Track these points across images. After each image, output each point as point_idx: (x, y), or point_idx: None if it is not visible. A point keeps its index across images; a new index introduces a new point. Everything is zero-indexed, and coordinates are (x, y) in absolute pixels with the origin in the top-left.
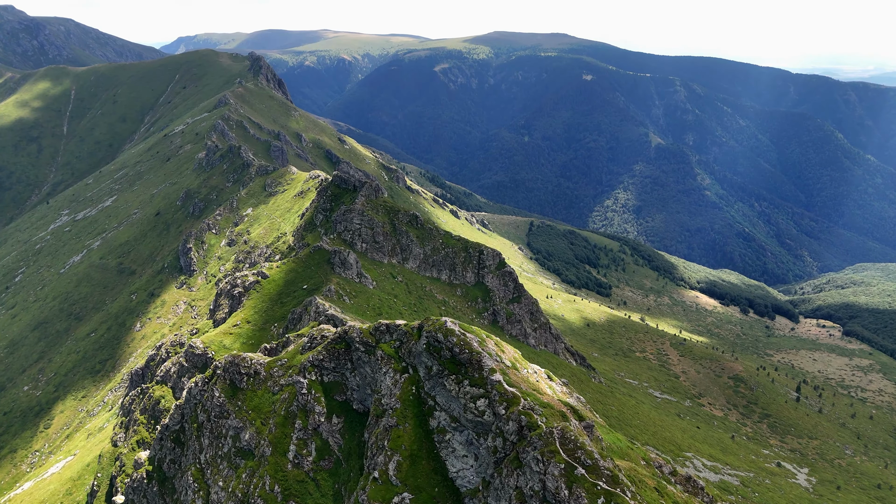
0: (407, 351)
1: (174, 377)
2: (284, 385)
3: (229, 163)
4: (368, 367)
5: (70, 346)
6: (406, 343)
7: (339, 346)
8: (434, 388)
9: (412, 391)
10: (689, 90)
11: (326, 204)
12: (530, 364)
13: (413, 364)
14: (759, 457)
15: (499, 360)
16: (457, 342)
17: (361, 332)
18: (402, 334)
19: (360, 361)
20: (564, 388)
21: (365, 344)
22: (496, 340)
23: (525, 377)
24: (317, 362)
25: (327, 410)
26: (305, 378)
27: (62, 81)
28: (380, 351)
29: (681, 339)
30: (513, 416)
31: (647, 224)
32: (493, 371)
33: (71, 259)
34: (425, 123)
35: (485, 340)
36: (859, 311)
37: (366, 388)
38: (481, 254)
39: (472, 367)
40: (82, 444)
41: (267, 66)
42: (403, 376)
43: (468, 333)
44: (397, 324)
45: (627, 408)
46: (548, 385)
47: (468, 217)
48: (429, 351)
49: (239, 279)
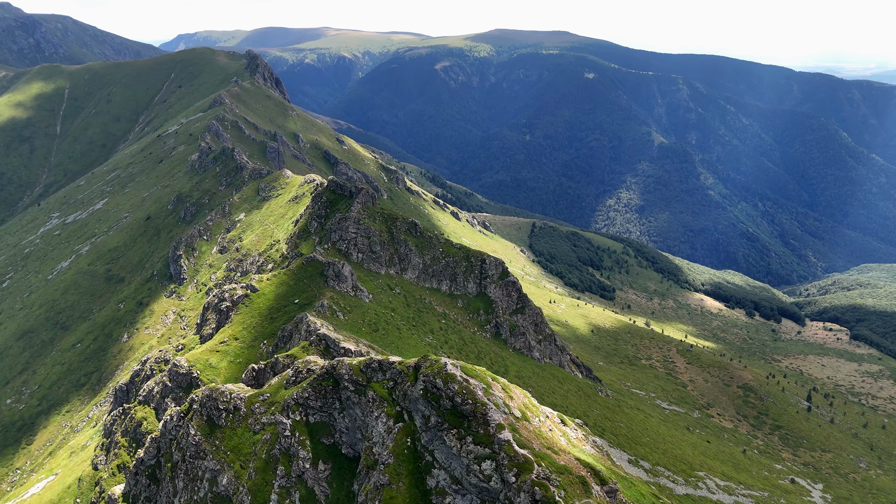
0: (402, 393)
1: (157, 398)
2: (266, 424)
3: (222, 165)
4: (358, 409)
5: (55, 358)
6: (401, 384)
7: (327, 384)
8: (432, 441)
9: (407, 444)
10: (692, 88)
11: (321, 210)
12: (541, 407)
13: (408, 409)
14: (773, 472)
15: (507, 411)
16: (458, 390)
17: (351, 368)
18: (397, 374)
19: (350, 402)
20: (580, 432)
21: (355, 383)
22: (503, 384)
23: (537, 429)
24: (302, 401)
25: (313, 455)
26: (289, 418)
27: (56, 80)
28: (371, 392)
29: (687, 344)
30: (525, 486)
31: (650, 224)
32: (501, 427)
33: (59, 265)
34: (426, 122)
35: (490, 386)
36: (867, 313)
37: (356, 432)
38: (483, 263)
39: (476, 421)
40: (65, 462)
41: (264, 65)
42: (398, 425)
43: (471, 378)
44: (391, 361)
45: (636, 423)
46: (562, 433)
47: (469, 219)
48: (426, 398)
49: (227, 293)
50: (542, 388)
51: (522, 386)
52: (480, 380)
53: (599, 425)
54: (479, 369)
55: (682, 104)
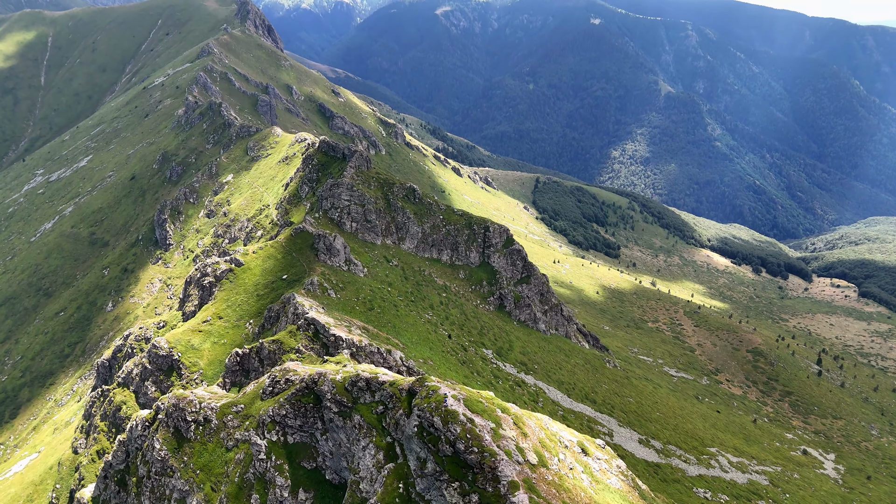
0: (393, 422)
1: (136, 380)
2: (240, 441)
3: (209, 122)
4: (343, 434)
5: (38, 326)
6: (392, 410)
7: (307, 400)
8: (429, 489)
9: (399, 490)
10: (702, 35)
11: (312, 174)
12: (560, 433)
13: (400, 442)
14: (784, 443)
15: (521, 458)
16: (461, 434)
17: (334, 386)
18: (388, 397)
19: (333, 425)
20: (603, 457)
21: (338, 403)
22: (514, 416)
23: (557, 476)
24: (279, 418)
25: (292, 482)
26: (264, 438)
27: (38, 27)
28: (357, 416)
29: (694, 305)
30: None
31: (656, 177)
32: (515, 487)
33: (43, 226)
34: (426, 70)
35: (500, 424)
36: (875, 269)
37: (340, 459)
38: (487, 231)
39: (483, 475)
40: (48, 439)
41: (256, 11)
42: (388, 465)
43: (477, 416)
44: (380, 381)
45: (645, 396)
46: (583, 467)
47: (471, 174)
48: (422, 438)
49: (210, 267)
50: (549, 363)
51: (528, 363)
52: (488, 416)
53: (609, 402)
54: (486, 397)
55: (690, 51)
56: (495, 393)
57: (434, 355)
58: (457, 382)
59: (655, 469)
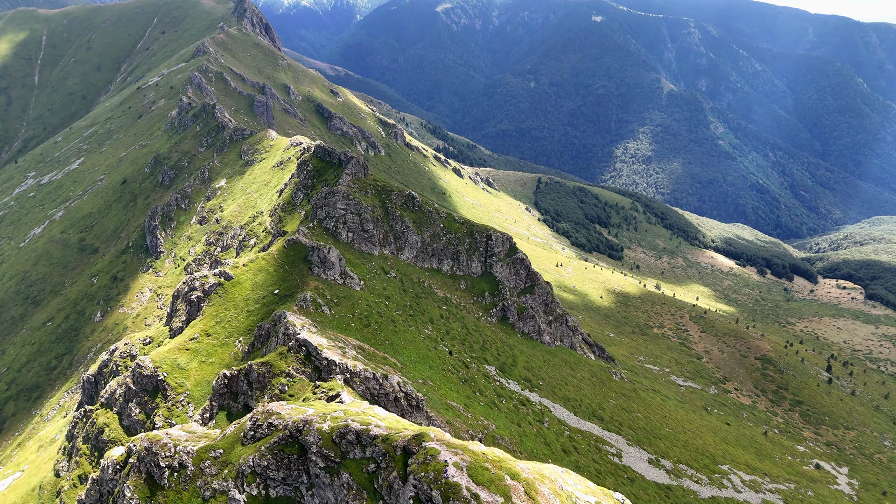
0: (386, 485)
1: (120, 401)
2: (218, 492)
3: (203, 124)
4: (331, 493)
5: (25, 337)
6: (385, 471)
7: (291, 451)
8: None
9: None
10: (704, 32)
11: (307, 180)
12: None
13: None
14: (796, 456)
15: None
16: None
17: (320, 437)
18: (380, 454)
19: (320, 482)
20: None
21: (325, 458)
22: (526, 484)
23: None
24: (260, 469)
25: None
26: (243, 492)
27: (32, 25)
28: (346, 473)
29: (700, 310)
30: None
31: (658, 176)
32: None
33: (32, 231)
34: (427, 68)
35: (509, 499)
36: (882, 270)
37: None
38: (489, 239)
39: None
40: (32, 457)
41: (253, 9)
42: None
43: (482, 490)
44: (372, 435)
45: (653, 410)
46: None
47: (472, 175)
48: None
49: (198, 281)
50: (554, 378)
51: (533, 379)
52: (496, 489)
53: (616, 419)
54: (493, 459)
55: (692, 49)
56: (499, 413)
57: (434, 374)
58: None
59: (667, 492)
